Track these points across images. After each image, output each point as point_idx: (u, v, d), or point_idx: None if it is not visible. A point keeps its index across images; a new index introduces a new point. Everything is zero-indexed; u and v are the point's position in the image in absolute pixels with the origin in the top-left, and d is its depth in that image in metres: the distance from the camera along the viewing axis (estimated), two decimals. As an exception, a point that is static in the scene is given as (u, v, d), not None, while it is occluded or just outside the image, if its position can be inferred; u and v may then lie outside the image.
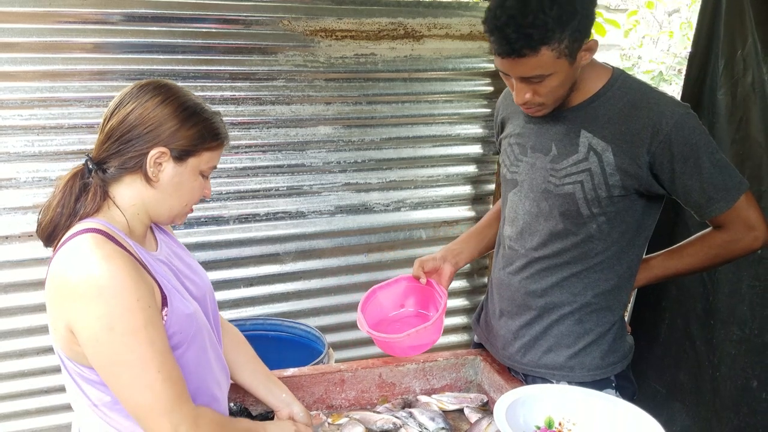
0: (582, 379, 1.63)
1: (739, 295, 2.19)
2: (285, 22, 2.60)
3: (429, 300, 1.84)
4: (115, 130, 1.23)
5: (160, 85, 1.27)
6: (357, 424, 1.60)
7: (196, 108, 1.27)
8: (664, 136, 1.43)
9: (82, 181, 1.25)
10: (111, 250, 1.17)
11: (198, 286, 1.40)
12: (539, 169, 1.60)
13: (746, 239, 1.52)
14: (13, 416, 2.58)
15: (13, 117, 2.36)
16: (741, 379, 2.20)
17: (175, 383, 1.20)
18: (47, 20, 2.32)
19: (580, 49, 1.42)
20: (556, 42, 1.37)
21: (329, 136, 2.79)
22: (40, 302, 2.50)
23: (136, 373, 1.16)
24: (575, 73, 1.47)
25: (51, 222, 1.24)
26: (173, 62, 2.49)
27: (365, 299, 1.81)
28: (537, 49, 1.37)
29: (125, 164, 1.24)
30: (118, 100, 1.26)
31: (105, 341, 1.14)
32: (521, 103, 1.51)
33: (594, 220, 1.54)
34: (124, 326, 1.14)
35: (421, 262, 1.82)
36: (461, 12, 2.83)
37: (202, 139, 1.27)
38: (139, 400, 1.17)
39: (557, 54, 1.38)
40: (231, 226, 2.74)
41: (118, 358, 1.16)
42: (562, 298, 1.63)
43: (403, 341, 1.69)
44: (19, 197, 2.43)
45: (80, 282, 1.14)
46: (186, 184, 1.29)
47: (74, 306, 1.15)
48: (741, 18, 2.13)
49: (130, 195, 1.27)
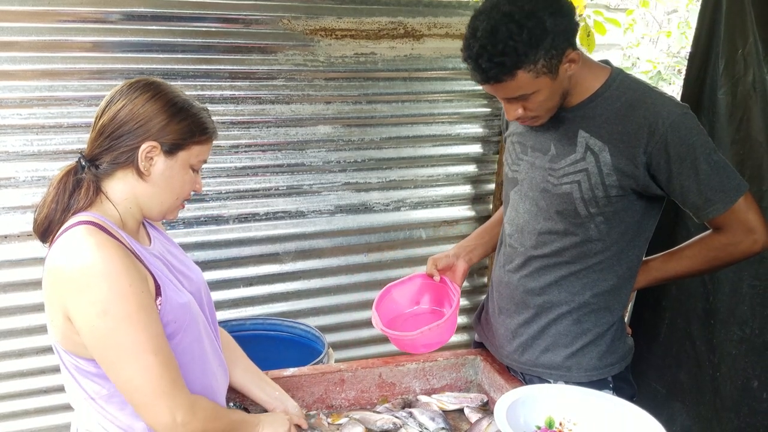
0: (579, 379, 1.63)
1: (739, 295, 2.18)
2: (285, 21, 2.60)
3: (443, 297, 1.85)
4: (107, 126, 1.27)
5: (149, 82, 1.30)
6: (357, 424, 1.60)
7: (184, 104, 1.30)
8: (660, 136, 1.43)
9: (75, 177, 1.28)
10: (103, 239, 1.19)
11: (191, 281, 1.41)
12: (538, 169, 1.60)
13: (745, 242, 1.50)
14: (12, 416, 2.58)
15: (12, 116, 2.36)
16: (741, 379, 2.20)
17: (171, 368, 1.22)
18: (46, 19, 2.32)
19: (560, 63, 1.42)
20: (530, 64, 1.38)
21: (329, 135, 2.79)
22: (39, 302, 2.48)
23: (132, 356, 1.18)
24: (562, 84, 1.47)
25: (46, 218, 1.27)
26: (173, 61, 2.49)
27: (380, 297, 1.82)
28: (513, 74, 1.39)
29: (117, 159, 1.27)
30: (109, 98, 1.30)
31: (100, 326, 1.17)
32: (513, 120, 1.53)
33: (592, 220, 1.54)
34: (118, 311, 1.17)
35: (434, 260, 1.83)
36: (461, 11, 2.82)
37: (191, 133, 1.30)
38: (136, 383, 1.19)
39: (535, 74, 1.40)
40: (230, 225, 2.74)
41: (113, 342, 1.18)
42: (560, 297, 1.63)
43: (418, 338, 1.69)
44: (18, 196, 2.42)
45: (74, 269, 1.16)
46: (177, 177, 1.31)
47: (69, 294, 1.17)
48: (742, 17, 2.12)
49: (122, 190, 1.29)
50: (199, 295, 1.42)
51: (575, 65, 1.46)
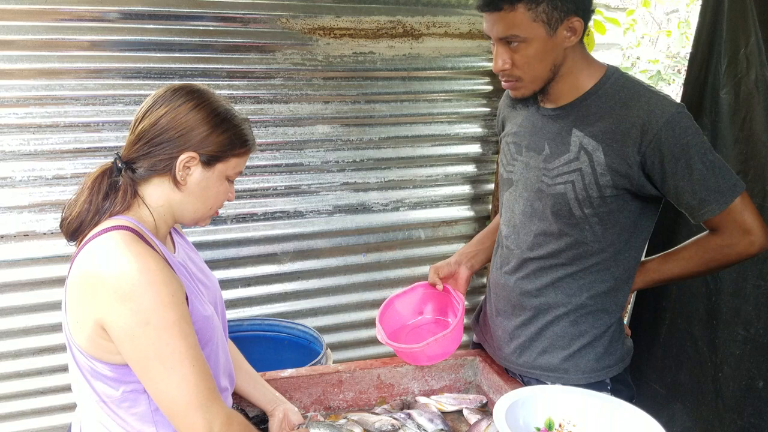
0: (576, 381, 1.62)
1: (744, 295, 2.17)
2: (283, 20, 2.59)
3: (447, 306, 1.82)
4: (147, 132, 1.26)
5: (193, 89, 1.30)
6: (355, 425, 1.59)
7: (227, 114, 1.30)
8: (654, 135, 1.41)
9: (110, 179, 1.28)
10: (142, 249, 1.19)
11: (210, 290, 1.42)
12: (533, 169, 1.59)
13: (741, 244, 1.48)
14: (9, 417, 2.56)
15: (9, 115, 2.34)
16: (745, 380, 2.19)
17: (208, 379, 1.23)
18: (43, 18, 2.30)
19: (561, 23, 1.42)
20: (533, 2, 1.39)
21: (327, 135, 2.77)
22: (36, 302, 2.50)
23: (170, 366, 1.18)
24: (556, 51, 1.46)
25: (77, 218, 1.26)
26: (170, 60, 2.48)
27: (382, 310, 1.80)
28: (514, 4, 1.40)
29: (154, 166, 1.27)
30: (151, 102, 1.29)
31: (141, 335, 1.17)
32: (498, 71, 1.51)
33: (587, 221, 1.52)
34: (159, 321, 1.17)
35: (435, 269, 1.80)
36: (460, 10, 2.81)
37: (231, 145, 1.30)
38: (174, 393, 1.19)
39: (533, 15, 1.41)
40: (228, 225, 2.73)
41: (153, 352, 1.18)
42: (556, 299, 1.61)
43: (424, 350, 1.66)
44: (15, 196, 2.41)
45: (114, 279, 1.16)
46: (212, 188, 1.32)
47: (107, 302, 1.16)
48: (744, 16, 2.11)
49: (158, 196, 1.29)
50: (215, 303, 1.42)
51: (574, 37, 1.46)
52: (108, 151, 2.44)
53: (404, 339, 1.78)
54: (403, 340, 1.77)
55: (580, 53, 1.52)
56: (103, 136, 2.45)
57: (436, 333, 1.69)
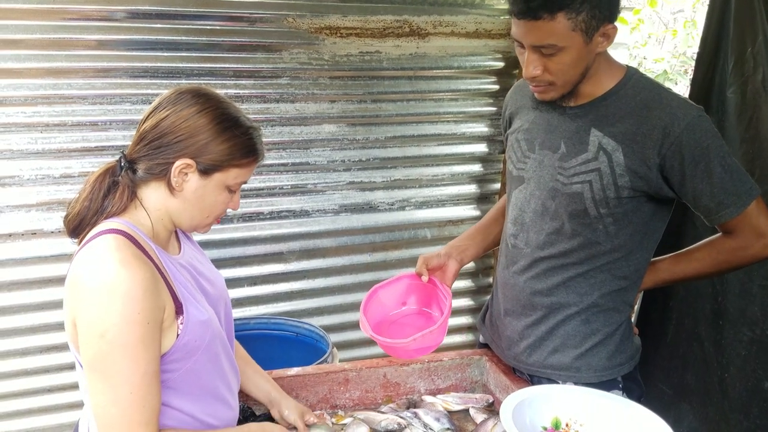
0: (588, 380, 1.61)
1: (750, 296, 2.16)
2: (290, 19, 2.59)
3: (431, 298, 1.79)
4: (148, 133, 1.23)
5: (200, 93, 1.25)
6: (361, 424, 1.59)
7: (232, 122, 1.25)
8: (675, 138, 1.41)
9: (113, 178, 1.26)
10: (130, 255, 1.16)
11: (216, 289, 1.40)
12: (547, 167, 1.57)
13: (755, 246, 1.49)
14: (16, 415, 2.57)
15: (17, 114, 2.35)
16: (751, 380, 2.18)
17: (145, 409, 1.17)
18: (51, 17, 2.31)
19: (597, 30, 1.40)
20: (574, 12, 1.35)
21: (334, 134, 2.78)
22: (43, 300, 2.51)
23: (109, 384, 1.15)
24: (589, 57, 1.44)
25: (78, 215, 1.25)
26: (177, 59, 2.48)
27: (366, 300, 1.77)
28: (554, 13, 1.35)
29: (152, 170, 1.24)
30: (157, 103, 1.26)
31: (93, 344, 1.15)
32: (530, 77, 1.47)
33: (601, 220, 1.52)
34: (115, 337, 1.13)
35: (424, 259, 1.76)
36: (467, 10, 2.81)
37: (232, 155, 1.24)
38: (106, 410, 1.16)
39: (573, 25, 1.37)
40: (235, 224, 2.73)
41: (100, 365, 1.15)
42: (568, 299, 1.61)
43: (409, 345, 1.65)
44: (23, 195, 2.42)
45: (89, 280, 1.14)
46: (209, 197, 1.27)
47: (80, 304, 1.16)
48: (751, 15, 2.11)
49: (155, 199, 1.27)
50: (218, 305, 1.40)
51: (607, 43, 1.44)
52: (115, 150, 2.44)
53: (386, 330, 1.72)
54: (385, 332, 1.70)
55: (603, 54, 1.51)
56: (110, 135, 2.46)
57: (419, 325, 1.65)
